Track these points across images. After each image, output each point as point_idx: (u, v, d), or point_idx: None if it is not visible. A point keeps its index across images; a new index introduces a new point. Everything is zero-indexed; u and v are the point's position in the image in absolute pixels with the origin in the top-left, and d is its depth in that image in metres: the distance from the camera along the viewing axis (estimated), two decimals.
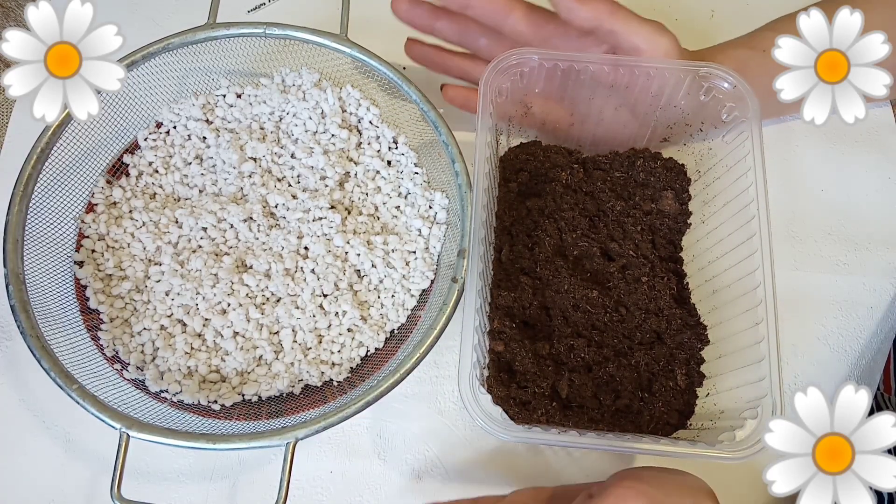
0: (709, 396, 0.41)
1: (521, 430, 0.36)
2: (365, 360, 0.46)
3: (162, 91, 0.51)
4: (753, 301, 0.39)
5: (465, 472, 0.45)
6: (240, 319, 0.45)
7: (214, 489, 0.44)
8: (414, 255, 0.48)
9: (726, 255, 0.43)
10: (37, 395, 0.46)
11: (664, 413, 0.40)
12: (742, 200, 0.42)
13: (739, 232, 0.42)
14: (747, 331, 0.39)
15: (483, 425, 0.35)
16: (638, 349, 0.42)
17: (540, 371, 0.41)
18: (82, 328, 0.44)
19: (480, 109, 0.42)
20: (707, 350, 0.43)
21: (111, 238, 0.47)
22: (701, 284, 0.45)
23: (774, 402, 0.36)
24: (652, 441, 0.36)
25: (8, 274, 0.41)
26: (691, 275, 0.46)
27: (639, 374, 0.41)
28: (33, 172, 0.44)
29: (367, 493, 0.44)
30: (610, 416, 0.40)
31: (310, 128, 0.51)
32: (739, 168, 0.42)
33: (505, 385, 0.40)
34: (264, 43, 0.51)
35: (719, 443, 0.36)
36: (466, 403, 0.35)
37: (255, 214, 0.47)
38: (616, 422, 0.40)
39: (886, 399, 0.50)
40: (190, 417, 0.42)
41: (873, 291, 0.50)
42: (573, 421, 0.40)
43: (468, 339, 0.37)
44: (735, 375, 0.40)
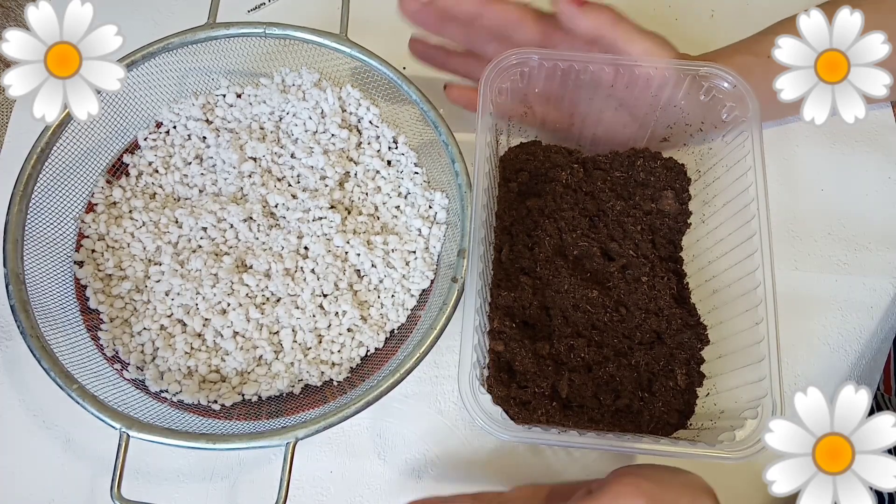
0: (709, 396, 0.41)
1: (521, 429, 0.36)
2: (365, 360, 0.46)
3: (162, 91, 0.51)
4: (753, 301, 0.39)
5: (465, 471, 0.45)
6: (240, 319, 0.45)
7: (214, 489, 0.44)
8: (414, 255, 0.48)
9: (726, 255, 0.43)
10: (37, 395, 0.46)
11: (664, 413, 0.40)
12: (742, 200, 0.42)
13: (739, 232, 0.42)
14: (747, 331, 0.39)
15: (483, 425, 0.35)
16: (638, 349, 0.42)
17: (540, 371, 0.41)
18: (82, 328, 0.44)
19: (480, 109, 0.42)
20: (707, 350, 0.43)
21: (111, 238, 0.47)
22: (701, 284, 0.45)
23: (774, 402, 0.36)
24: (652, 441, 0.36)
25: (8, 274, 0.41)
26: (691, 274, 0.46)
27: (639, 373, 0.41)
28: (33, 172, 0.44)
29: (367, 493, 0.44)
30: (610, 415, 0.40)
31: (310, 128, 0.51)
32: (739, 168, 0.43)
33: (505, 385, 0.40)
34: (264, 43, 0.51)
35: (719, 443, 0.36)
36: (466, 403, 0.35)
37: (255, 214, 0.47)
38: (616, 422, 0.40)
39: (886, 399, 0.50)
40: (190, 417, 0.42)
41: (873, 291, 0.50)
42: (573, 421, 0.40)
43: (468, 338, 0.37)
44: (735, 375, 0.40)
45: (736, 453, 0.35)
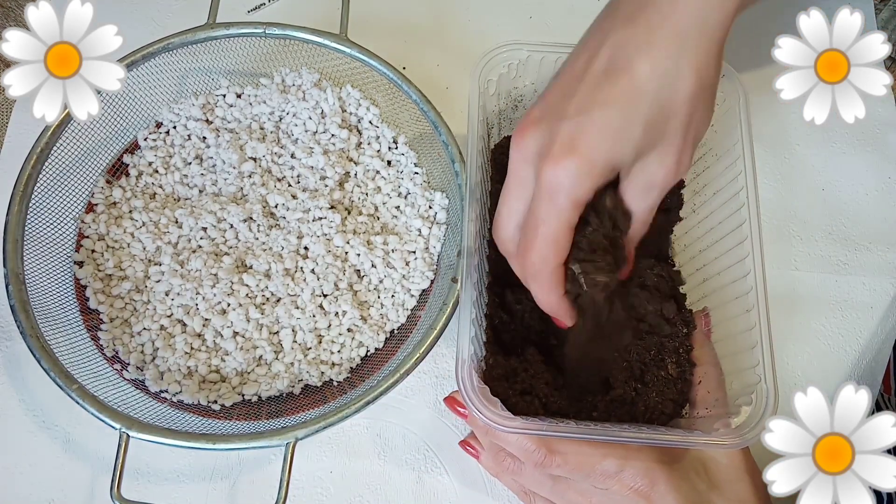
0: (702, 384, 0.41)
1: (519, 421, 0.36)
2: (365, 360, 0.46)
3: (162, 91, 0.51)
4: (744, 288, 0.39)
5: (465, 471, 0.45)
6: (240, 319, 0.45)
7: (214, 489, 0.44)
8: (414, 255, 0.48)
9: (717, 244, 0.43)
10: (37, 395, 0.46)
11: (658, 403, 0.40)
12: (732, 189, 0.42)
13: (729, 220, 0.42)
14: (739, 317, 0.39)
15: (481, 417, 0.35)
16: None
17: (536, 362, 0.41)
18: (82, 328, 0.44)
19: (470, 103, 0.42)
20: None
21: (111, 238, 0.47)
22: (692, 273, 0.45)
23: (768, 389, 0.36)
24: (650, 430, 0.36)
25: (8, 274, 0.41)
26: (682, 264, 0.46)
27: (630, 364, 0.41)
28: (33, 172, 0.44)
29: (367, 493, 0.44)
30: (604, 406, 0.41)
31: (310, 128, 0.51)
32: (729, 157, 0.43)
33: (503, 378, 0.40)
34: (264, 43, 0.51)
35: (715, 430, 0.36)
36: (464, 395, 0.35)
37: (255, 214, 0.47)
38: (612, 412, 0.40)
39: (886, 399, 0.50)
40: (190, 417, 0.42)
41: (873, 291, 0.50)
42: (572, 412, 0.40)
43: (465, 332, 0.37)
44: (728, 362, 0.40)
45: (732, 440, 0.35)
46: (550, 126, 0.32)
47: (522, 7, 0.60)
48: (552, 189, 0.32)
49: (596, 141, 0.31)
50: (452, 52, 0.57)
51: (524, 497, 0.42)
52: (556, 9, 0.60)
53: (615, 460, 0.36)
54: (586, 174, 0.32)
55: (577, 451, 0.37)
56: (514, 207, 0.35)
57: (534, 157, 0.33)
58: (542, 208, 0.33)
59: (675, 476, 0.37)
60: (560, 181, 0.32)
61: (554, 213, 0.32)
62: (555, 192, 0.32)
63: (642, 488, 0.36)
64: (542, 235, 0.33)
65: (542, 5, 0.60)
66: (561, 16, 0.59)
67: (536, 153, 0.33)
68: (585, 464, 0.37)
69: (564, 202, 0.32)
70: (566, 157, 0.31)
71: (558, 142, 0.32)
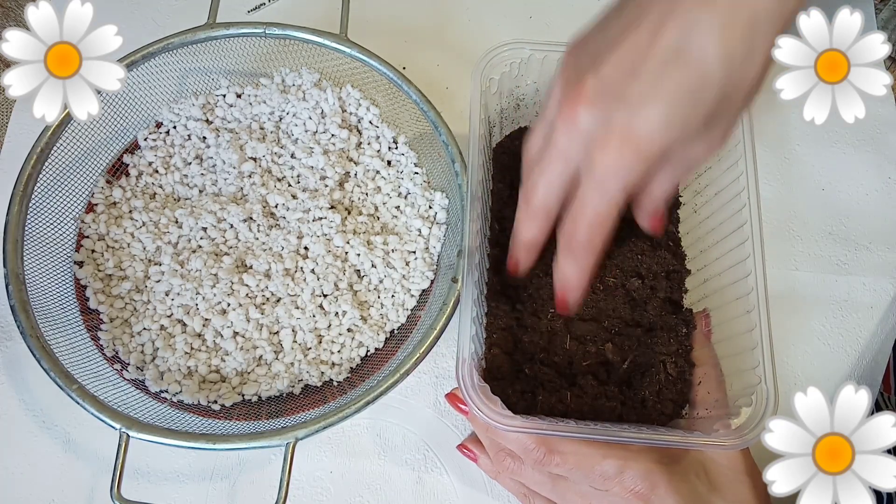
0: (702, 385, 0.41)
1: (519, 420, 0.36)
2: (365, 360, 0.46)
3: (162, 91, 0.51)
4: (745, 289, 0.39)
5: (466, 471, 0.45)
6: (240, 319, 0.45)
7: (214, 489, 0.44)
8: (414, 256, 0.48)
9: (717, 245, 0.43)
10: (37, 395, 0.46)
11: (657, 403, 0.40)
12: (733, 190, 0.42)
13: (731, 221, 0.42)
14: (739, 318, 0.39)
15: (481, 415, 0.35)
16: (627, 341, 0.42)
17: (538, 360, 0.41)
18: (82, 328, 0.44)
19: (472, 102, 0.42)
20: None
21: (111, 238, 0.47)
22: (693, 274, 0.45)
23: (768, 390, 0.36)
24: (650, 431, 0.36)
25: (8, 274, 0.41)
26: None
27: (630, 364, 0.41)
28: (33, 172, 0.44)
29: (367, 493, 0.44)
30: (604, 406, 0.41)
31: (310, 128, 0.51)
32: (730, 157, 0.43)
33: (504, 376, 0.40)
34: (264, 43, 0.51)
35: (715, 431, 0.36)
36: (465, 393, 0.35)
37: (255, 214, 0.47)
38: (612, 412, 0.40)
39: (886, 399, 0.50)
40: (190, 417, 0.42)
41: (873, 291, 0.50)
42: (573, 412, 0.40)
43: (466, 330, 0.37)
44: (728, 363, 0.40)
45: (732, 441, 0.35)
46: (609, 107, 0.31)
47: (522, 7, 0.60)
48: (605, 175, 0.32)
49: (657, 135, 0.31)
50: (452, 52, 0.57)
51: (524, 499, 0.42)
52: (556, 8, 0.60)
53: (615, 461, 0.36)
54: (642, 162, 0.32)
55: (577, 451, 0.37)
56: (556, 183, 0.35)
57: (586, 135, 0.32)
58: (592, 192, 0.33)
59: (675, 478, 0.37)
60: (615, 170, 0.32)
61: (605, 198, 0.33)
62: (608, 179, 0.32)
63: (642, 491, 0.36)
64: (590, 218, 0.33)
65: (543, 5, 0.60)
66: (561, 15, 0.59)
67: (589, 133, 0.32)
68: (585, 463, 0.37)
69: (616, 188, 0.32)
70: (624, 146, 0.31)
71: (617, 130, 0.31)
